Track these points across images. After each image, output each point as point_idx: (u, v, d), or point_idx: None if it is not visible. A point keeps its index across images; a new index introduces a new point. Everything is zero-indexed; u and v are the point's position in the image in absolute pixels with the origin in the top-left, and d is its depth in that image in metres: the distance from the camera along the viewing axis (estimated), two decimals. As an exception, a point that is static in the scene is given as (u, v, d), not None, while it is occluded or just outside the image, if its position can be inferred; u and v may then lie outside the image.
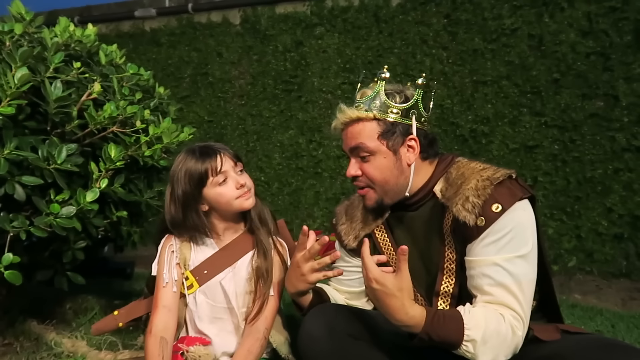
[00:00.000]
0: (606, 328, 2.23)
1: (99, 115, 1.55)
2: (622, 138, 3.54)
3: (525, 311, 1.14)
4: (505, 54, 3.84)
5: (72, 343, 1.86)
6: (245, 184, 1.43)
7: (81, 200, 1.51)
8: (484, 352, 1.09)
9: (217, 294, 1.45)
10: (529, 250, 1.17)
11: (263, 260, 1.42)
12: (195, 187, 1.39)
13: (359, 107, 1.30)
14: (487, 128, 3.90)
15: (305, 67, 4.46)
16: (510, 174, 1.23)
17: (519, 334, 1.11)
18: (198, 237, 1.47)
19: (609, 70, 3.57)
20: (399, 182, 1.30)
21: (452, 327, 1.11)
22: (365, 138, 1.29)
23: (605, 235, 3.60)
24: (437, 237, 1.29)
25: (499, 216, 1.16)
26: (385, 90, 1.30)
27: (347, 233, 1.44)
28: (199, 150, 1.42)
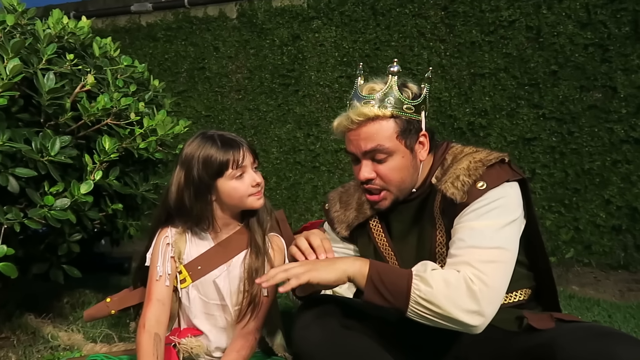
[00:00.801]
0: (603, 318, 2.24)
1: (92, 107, 1.55)
2: (621, 130, 3.54)
3: (491, 274, 1.08)
4: (503, 46, 3.83)
5: (69, 336, 1.86)
6: (260, 182, 1.40)
7: (75, 193, 1.51)
8: (439, 298, 1.05)
9: (210, 290, 1.43)
10: (511, 220, 1.15)
11: (254, 260, 1.40)
12: (212, 176, 1.35)
13: (370, 104, 1.22)
14: (484, 121, 3.89)
15: (302, 60, 4.44)
16: (503, 157, 1.22)
17: (474, 289, 1.05)
18: (196, 229, 1.45)
19: (607, 61, 3.56)
20: (412, 179, 1.29)
21: (399, 270, 1.13)
22: (383, 139, 1.22)
23: (604, 227, 3.60)
24: (428, 221, 1.28)
25: (482, 193, 1.16)
26: (398, 85, 1.24)
27: (340, 221, 1.43)
28: (219, 139, 1.37)
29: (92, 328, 1.94)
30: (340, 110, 4.36)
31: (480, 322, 1.07)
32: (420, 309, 1.08)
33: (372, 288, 1.10)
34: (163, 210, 1.44)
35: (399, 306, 1.10)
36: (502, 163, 1.22)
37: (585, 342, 1.01)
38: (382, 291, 1.10)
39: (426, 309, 1.07)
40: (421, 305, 1.08)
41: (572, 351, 1.00)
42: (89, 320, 1.67)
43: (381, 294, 1.10)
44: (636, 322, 2.15)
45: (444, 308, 1.06)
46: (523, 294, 1.27)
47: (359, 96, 1.26)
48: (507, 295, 1.25)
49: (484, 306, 1.06)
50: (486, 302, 1.07)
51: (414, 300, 1.08)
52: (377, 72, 4.08)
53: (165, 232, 1.46)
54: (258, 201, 1.41)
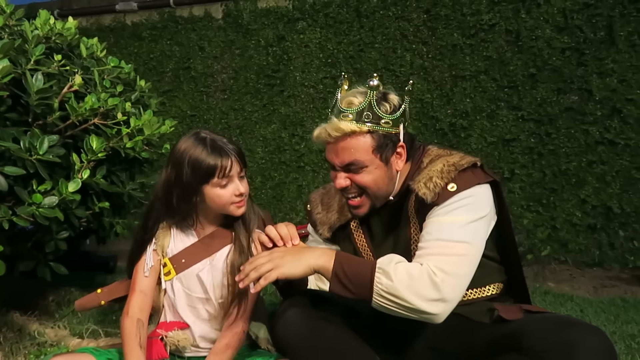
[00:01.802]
0: (575, 312, 2.32)
1: (80, 107, 1.58)
2: (596, 131, 3.65)
3: (455, 267, 1.13)
4: (484, 49, 3.92)
5: (55, 333, 1.88)
6: (244, 192, 1.42)
7: (63, 191, 1.54)
8: (401, 289, 1.10)
9: (194, 284, 1.47)
10: (476, 218, 1.20)
11: (238, 257, 1.43)
12: (199, 181, 1.36)
13: (347, 119, 1.25)
14: (465, 122, 3.97)
15: (287, 61, 4.48)
16: (475, 162, 1.28)
17: (436, 281, 1.10)
18: (181, 225, 1.49)
19: (583, 65, 3.67)
20: (389, 188, 1.34)
21: (363, 263, 1.18)
22: (359, 154, 1.26)
23: (579, 226, 3.71)
24: (405, 222, 1.34)
25: (452, 195, 1.21)
26: (375, 99, 1.27)
27: (322, 222, 1.48)
28: (210, 143, 1.37)
29: (79, 324, 1.97)
30: (324, 111, 4.45)
31: (442, 310, 1.12)
32: (384, 301, 1.13)
33: (336, 281, 1.16)
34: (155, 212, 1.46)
35: (364, 298, 1.16)
36: (475, 167, 1.27)
37: (550, 331, 1.08)
38: (346, 284, 1.15)
39: (389, 300, 1.12)
40: (384, 297, 1.13)
41: (536, 339, 1.07)
42: (80, 310, 1.69)
43: (345, 287, 1.15)
44: (606, 316, 2.24)
45: (406, 299, 1.10)
46: (495, 288, 1.34)
47: (338, 108, 1.30)
48: (479, 289, 1.32)
49: (445, 293, 1.11)
50: (448, 289, 1.12)
51: (377, 293, 1.13)
52: (361, 73, 4.16)
53: None
54: (238, 210, 1.43)
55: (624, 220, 3.58)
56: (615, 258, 3.61)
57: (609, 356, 1.02)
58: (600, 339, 1.04)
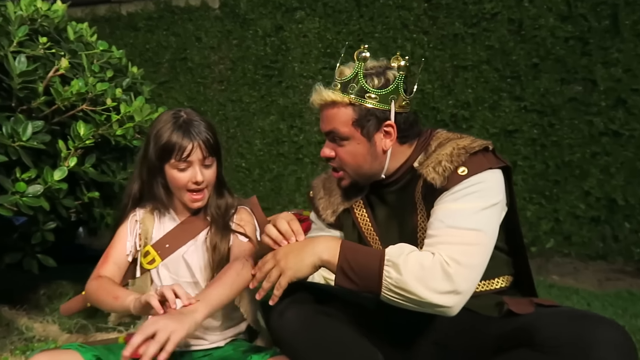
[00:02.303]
0: (582, 306, 2.27)
1: (65, 92, 1.50)
2: (600, 122, 3.57)
3: (468, 257, 1.07)
4: (486, 39, 3.84)
5: (44, 327, 1.82)
6: (202, 182, 1.34)
7: (48, 179, 1.47)
8: (411, 282, 1.05)
9: (181, 267, 1.41)
10: (488, 205, 1.14)
11: (216, 236, 1.37)
12: (159, 157, 1.32)
13: (335, 88, 1.23)
14: (467, 113, 3.90)
15: (285, 52, 4.40)
16: (487, 145, 1.21)
17: (450, 272, 1.05)
18: (161, 210, 1.42)
19: (587, 54, 3.59)
20: (372, 167, 1.28)
21: (370, 254, 1.11)
22: (338, 124, 1.24)
23: (583, 218, 3.64)
24: (411, 208, 1.27)
25: (462, 178, 1.15)
26: (364, 71, 1.22)
27: (325, 208, 1.42)
28: (180, 122, 1.32)
29: (68, 319, 1.90)
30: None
31: (455, 302, 1.06)
32: (393, 295, 1.08)
33: (342, 275, 1.11)
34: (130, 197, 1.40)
35: (371, 291, 1.10)
36: (486, 151, 1.21)
37: (563, 325, 1.01)
38: (352, 277, 1.10)
39: (399, 295, 1.07)
40: (393, 291, 1.07)
41: (549, 333, 1.00)
42: (67, 314, 1.63)
43: (352, 280, 1.10)
44: (614, 310, 2.18)
45: (417, 293, 1.05)
46: (504, 280, 1.27)
47: (334, 78, 1.27)
48: (488, 281, 1.25)
49: (458, 284, 1.06)
50: (461, 280, 1.06)
51: (386, 287, 1.08)
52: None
53: (133, 211, 1.44)
54: (195, 203, 1.37)
55: (629, 213, 3.51)
56: (620, 251, 3.55)
57: (629, 349, 0.96)
58: (618, 332, 0.97)
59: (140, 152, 1.37)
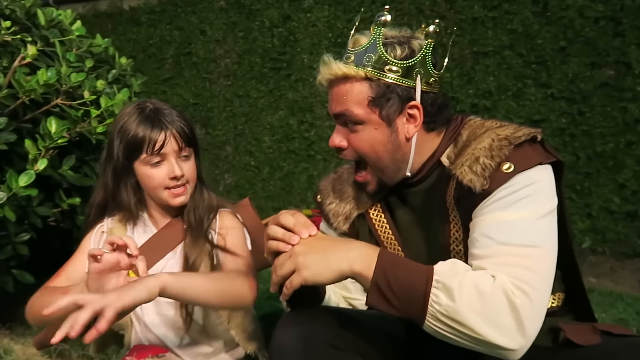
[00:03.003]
0: (630, 315, 2.02)
1: (28, 82, 1.29)
2: (635, 109, 3.32)
3: (536, 281, 0.84)
4: (508, 22, 3.60)
5: (24, 351, 1.63)
6: (183, 175, 1.17)
7: (13, 185, 1.27)
8: (466, 314, 0.81)
9: None
10: (544, 213, 0.91)
11: (192, 248, 1.18)
12: (127, 155, 1.15)
13: (347, 60, 1.02)
14: (489, 102, 3.68)
15: (294, 43, 4.21)
16: (535, 134, 0.97)
17: (517, 302, 0.81)
18: (133, 218, 1.23)
19: (620, 35, 3.33)
20: (394, 159, 1.05)
21: (414, 270, 0.86)
22: (351, 104, 1.02)
23: (618, 213, 3.40)
24: (440, 213, 1.04)
25: (509, 177, 0.91)
26: (384, 39, 1.02)
27: (336, 214, 1.19)
28: (146, 113, 1.15)
29: (51, 341, 1.70)
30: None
31: (521, 345, 0.82)
32: (440, 326, 0.84)
33: (377, 293, 0.87)
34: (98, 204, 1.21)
35: (412, 318, 0.86)
36: (534, 142, 0.98)
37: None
38: (389, 298, 0.86)
39: (448, 326, 0.83)
40: (441, 321, 0.84)
41: (629, 378, 0.77)
42: (41, 348, 1.44)
43: (388, 301, 0.86)
44: (667, 320, 1.93)
45: (474, 327, 0.81)
46: (556, 299, 1.04)
47: (345, 49, 1.04)
48: None
49: (527, 324, 0.82)
50: (529, 319, 0.82)
51: (432, 315, 0.84)
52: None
53: (100, 221, 1.24)
54: (176, 199, 1.19)
55: (668, 206, 3.25)
56: (659, 248, 3.29)
57: None
58: None
59: (103, 154, 1.18)
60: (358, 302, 1.20)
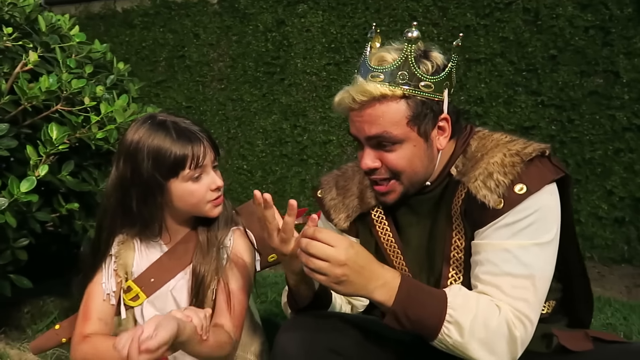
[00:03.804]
0: (618, 320, 2.06)
1: (31, 89, 1.30)
2: (623, 117, 3.38)
3: (532, 311, 0.94)
4: (499, 30, 3.64)
5: (20, 356, 1.63)
6: (221, 186, 1.18)
7: (14, 191, 1.27)
8: (471, 345, 0.90)
9: (169, 304, 1.20)
10: (549, 240, 0.96)
11: (202, 260, 1.16)
12: (164, 175, 1.11)
13: (378, 79, 1.00)
14: (480, 109, 3.71)
15: (287, 47, 4.22)
16: (544, 149, 1.01)
17: (516, 335, 0.91)
18: (145, 235, 1.21)
19: (609, 45, 3.39)
20: (427, 171, 1.07)
21: (431, 302, 0.92)
22: (390, 125, 1.00)
23: (606, 219, 3.45)
24: (444, 220, 1.07)
25: (521, 199, 0.95)
26: (414, 55, 1.00)
27: (337, 210, 1.20)
28: (174, 128, 1.12)
29: (47, 345, 1.70)
30: (328, 100, 4.07)
31: None
32: (445, 349, 0.95)
33: (393, 319, 0.94)
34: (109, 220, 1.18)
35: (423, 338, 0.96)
36: (542, 157, 1.01)
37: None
38: (404, 324, 0.94)
39: (452, 351, 0.94)
40: (448, 348, 0.94)
41: (621, 384, 0.80)
42: (38, 353, 1.43)
43: (402, 325, 0.94)
44: (654, 325, 1.97)
45: (473, 355, 0.92)
46: (547, 306, 1.07)
47: (366, 67, 1.02)
48: None
49: (519, 351, 0.93)
50: (522, 347, 0.94)
51: (441, 342, 0.94)
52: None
53: None
54: (215, 209, 1.18)
55: (656, 213, 3.31)
56: (646, 254, 3.34)
57: None
58: None
59: (123, 176, 1.13)
60: (359, 302, 1.23)
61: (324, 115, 4.12)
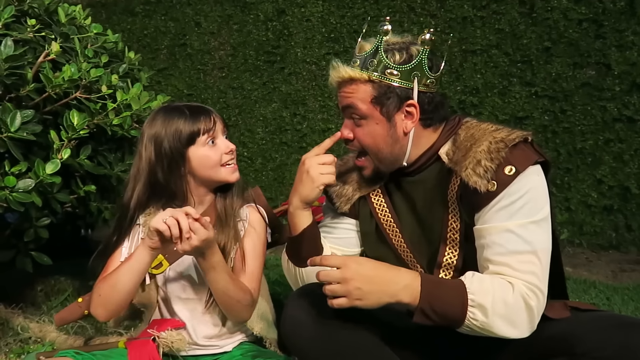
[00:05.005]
0: (601, 300, 2.18)
1: (56, 78, 1.39)
2: (614, 108, 3.46)
3: (541, 282, 1.03)
4: (496, 22, 3.71)
5: (40, 328, 1.73)
6: (234, 149, 1.33)
7: (40, 173, 1.37)
8: (496, 322, 1.00)
9: (190, 271, 1.32)
10: (543, 216, 1.06)
11: (220, 233, 1.28)
12: (184, 144, 1.27)
13: (354, 65, 1.16)
14: (476, 99, 3.79)
15: (288, 36, 4.28)
16: (526, 136, 1.11)
17: (532, 305, 1.00)
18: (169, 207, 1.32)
19: (602, 37, 3.46)
20: (393, 151, 1.19)
21: (453, 293, 1.02)
22: (357, 100, 1.17)
23: (595, 207, 3.55)
24: (440, 204, 1.17)
25: (512, 179, 1.05)
26: (385, 46, 1.14)
27: (339, 195, 1.32)
28: (186, 107, 1.30)
29: (66, 318, 1.80)
30: (327, 89, 4.16)
31: (529, 332, 1.03)
32: (472, 332, 1.04)
33: (421, 315, 1.03)
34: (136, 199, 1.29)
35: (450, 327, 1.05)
36: (525, 142, 1.11)
37: (606, 334, 0.92)
38: (432, 318, 1.03)
39: (479, 332, 1.03)
40: (475, 330, 1.03)
41: (592, 343, 0.91)
42: (61, 324, 1.53)
43: (432, 320, 1.03)
44: (635, 305, 2.09)
45: (501, 333, 1.01)
46: None
47: (354, 54, 1.19)
48: None
49: (536, 318, 1.02)
50: (538, 314, 1.03)
51: (468, 327, 1.03)
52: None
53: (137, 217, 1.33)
54: (233, 174, 1.32)
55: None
56: (633, 241, 3.45)
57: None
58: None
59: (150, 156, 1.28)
60: None
61: (323, 103, 4.21)
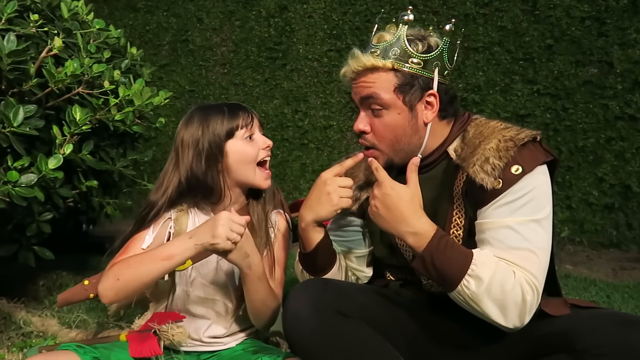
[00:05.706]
0: (601, 298, 2.18)
1: (59, 73, 1.40)
2: (616, 106, 3.46)
3: (539, 279, 1.03)
4: (498, 19, 3.70)
5: (42, 322, 1.74)
6: (271, 145, 1.33)
7: (43, 168, 1.37)
8: (486, 300, 1.01)
9: (212, 273, 1.31)
10: (545, 215, 1.07)
11: (253, 233, 1.27)
12: (223, 138, 1.27)
13: (374, 54, 1.15)
14: (478, 96, 3.79)
15: (290, 33, 4.27)
16: (535, 135, 1.12)
17: (527, 299, 1.01)
18: (202, 205, 1.33)
19: (604, 35, 3.46)
20: (411, 142, 1.19)
21: (457, 257, 1.04)
22: (379, 89, 1.15)
23: (596, 205, 3.55)
24: (446, 200, 1.18)
25: (518, 178, 1.06)
26: (407, 35, 1.15)
27: None
28: (224, 104, 1.32)
29: (68, 313, 1.82)
30: (329, 86, 4.17)
31: (516, 327, 1.03)
32: (463, 302, 1.05)
33: (420, 264, 1.07)
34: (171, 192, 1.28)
35: (442, 287, 1.08)
36: (534, 142, 1.12)
37: (607, 331, 0.93)
38: (430, 271, 1.06)
39: (467, 304, 1.04)
40: (464, 299, 1.04)
41: (593, 340, 0.92)
42: (64, 305, 1.52)
43: (428, 272, 1.07)
44: (635, 303, 2.10)
45: (486, 311, 1.02)
46: None
47: (369, 44, 1.19)
48: None
49: (527, 315, 1.02)
50: (531, 311, 1.03)
51: (459, 293, 1.04)
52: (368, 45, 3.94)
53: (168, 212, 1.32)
54: (266, 181, 1.32)
55: (644, 200, 3.41)
56: (634, 239, 3.45)
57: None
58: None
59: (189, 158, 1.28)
60: (362, 274, 1.35)
61: (324, 100, 4.20)
